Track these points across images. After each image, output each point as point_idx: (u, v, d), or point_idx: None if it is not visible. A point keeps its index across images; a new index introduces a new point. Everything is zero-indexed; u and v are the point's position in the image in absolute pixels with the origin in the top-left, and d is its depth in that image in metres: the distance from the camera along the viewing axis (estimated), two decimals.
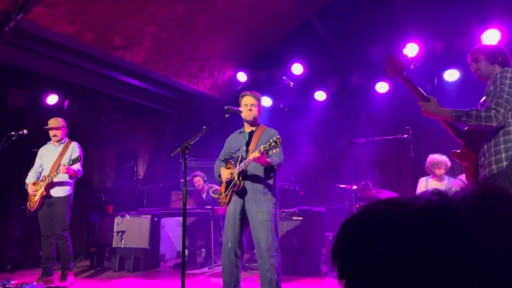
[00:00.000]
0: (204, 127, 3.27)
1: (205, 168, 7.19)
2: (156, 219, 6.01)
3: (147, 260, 5.78)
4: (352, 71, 7.18)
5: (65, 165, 4.58)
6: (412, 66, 6.35)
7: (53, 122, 4.99)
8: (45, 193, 4.73)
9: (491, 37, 5.63)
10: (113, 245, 5.82)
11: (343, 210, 6.55)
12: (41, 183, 4.78)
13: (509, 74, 2.51)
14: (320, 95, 7.52)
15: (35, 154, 5.11)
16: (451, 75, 6.41)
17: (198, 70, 7.26)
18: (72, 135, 5.21)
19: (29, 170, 5.02)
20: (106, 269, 5.77)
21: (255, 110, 3.63)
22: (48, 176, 4.75)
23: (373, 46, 6.76)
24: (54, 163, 4.81)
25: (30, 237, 6.44)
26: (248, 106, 3.62)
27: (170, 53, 6.50)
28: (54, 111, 7.16)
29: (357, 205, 5.40)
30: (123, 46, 5.86)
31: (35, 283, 4.42)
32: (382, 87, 6.96)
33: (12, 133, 4.63)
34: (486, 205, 0.49)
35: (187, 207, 3.18)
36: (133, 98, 7.60)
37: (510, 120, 2.48)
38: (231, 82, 7.94)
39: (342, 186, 5.81)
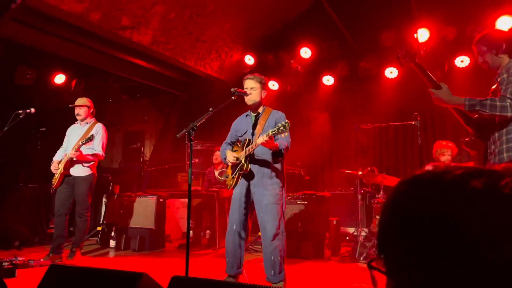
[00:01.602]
0: (210, 109, 3.25)
1: (211, 151, 7.19)
2: (162, 200, 6.07)
3: (152, 240, 5.85)
4: (361, 56, 7.08)
5: (76, 151, 4.64)
6: (423, 52, 6.25)
7: (78, 100, 5.06)
8: (63, 171, 4.80)
9: (504, 23, 5.51)
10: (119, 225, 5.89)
11: (348, 195, 6.54)
12: (63, 161, 4.84)
13: None
14: (328, 80, 7.45)
15: (42, 133, 5.13)
16: (462, 61, 6.31)
17: (205, 52, 7.20)
18: None
19: (36, 149, 5.05)
20: (112, 248, 5.85)
21: (254, 94, 3.56)
22: (68, 154, 4.81)
23: (384, 30, 6.64)
24: (76, 143, 4.86)
25: (38, 215, 6.53)
26: (248, 89, 3.56)
27: (178, 34, 6.44)
28: (62, 90, 7.18)
29: (362, 191, 5.39)
30: (130, 26, 5.81)
31: (42, 260, 4.50)
32: (391, 72, 6.88)
33: (20, 111, 4.65)
34: None
35: (192, 189, 3.20)
36: (140, 79, 7.58)
37: None
38: (238, 64, 7.87)
39: (347, 171, 5.79)
